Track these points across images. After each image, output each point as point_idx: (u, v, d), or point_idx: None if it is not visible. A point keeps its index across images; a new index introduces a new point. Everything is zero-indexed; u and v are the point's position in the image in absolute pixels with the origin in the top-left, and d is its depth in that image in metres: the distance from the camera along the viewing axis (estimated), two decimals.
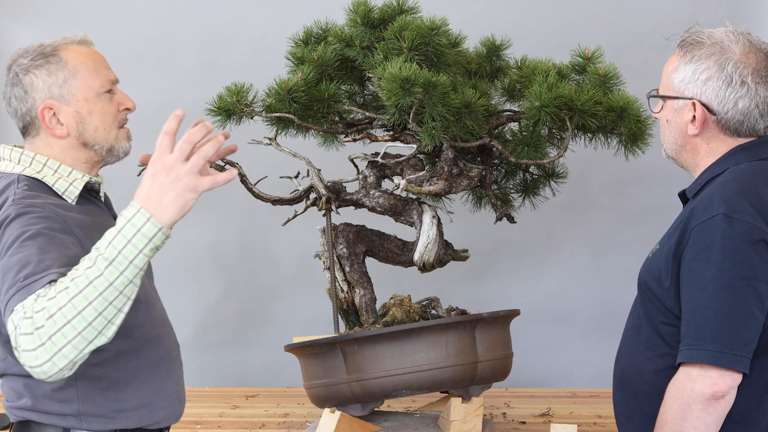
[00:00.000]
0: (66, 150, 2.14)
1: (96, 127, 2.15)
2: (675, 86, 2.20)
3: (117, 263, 1.75)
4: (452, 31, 2.94)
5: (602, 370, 4.21)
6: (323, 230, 3.08)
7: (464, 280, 4.14)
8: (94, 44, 2.23)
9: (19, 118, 2.16)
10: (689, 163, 2.26)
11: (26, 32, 4.22)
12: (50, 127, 2.12)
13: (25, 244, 1.90)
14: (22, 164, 2.13)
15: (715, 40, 2.16)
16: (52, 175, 2.12)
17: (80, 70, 2.13)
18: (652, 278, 2.18)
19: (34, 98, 2.12)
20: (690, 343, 2.04)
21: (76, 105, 2.13)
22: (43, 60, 2.12)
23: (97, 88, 2.15)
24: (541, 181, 3.20)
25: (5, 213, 1.98)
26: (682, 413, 2.04)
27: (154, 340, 2.18)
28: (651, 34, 4.08)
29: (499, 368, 2.89)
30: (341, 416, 2.83)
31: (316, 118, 3.03)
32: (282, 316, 4.29)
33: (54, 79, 2.11)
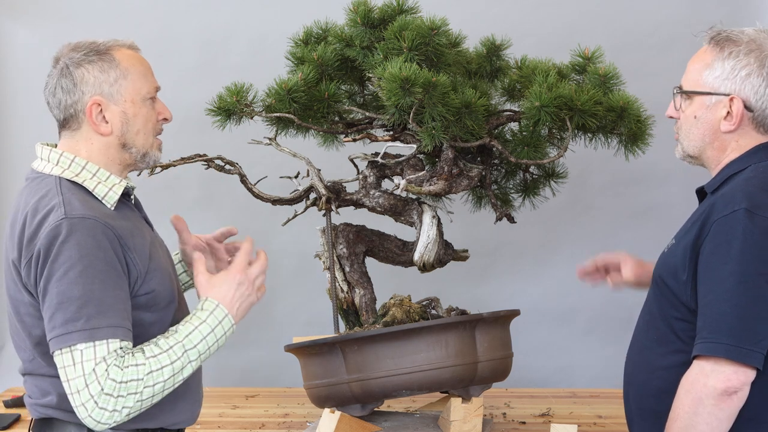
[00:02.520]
0: (104, 149, 2.18)
1: (138, 131, 2.20)
2: (709, 82, 2.18)
3: (200, 349, 2.06)
4: (452, 31, 2.94)
5: (602, 370, 4.22)
6: (323, 230, 3.08)
7: (464, 280, 4.14)
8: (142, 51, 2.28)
9: (61, 109, 2.17)
10: (712, 160, 2.24)
11: (26, 32, 4.22)
12: (95, 123, 2.15)
13: (86, 275, 1.98)
14: (61, 166, 2.15)
15: (751, 37, 2.16)
16: (91, 179, 2.15)
17: (131, 72, 2.18)
18: (668, 273, 2.17)
19: (83, 92, 2.15)
20: (706, 336, 2.04)
21: (123, 105, 2.17)
22: (96, 56, 2.16)
23: (144, 92, 2.21)
24: (541, 181, 3.20)
25: (55, 225, 2.01)
26: (694, 408, 2.04)
27: None
28: (651, 34, 4.08)
29: (499, 368, 2.89)
30: (341, 416, 2.83)
31: (316, 118, 3.04)
32: (282, 316, 4.29)
33: (105, 77, 2.15)
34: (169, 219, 2.44)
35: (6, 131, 4.27)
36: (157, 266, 2.16)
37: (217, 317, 2.10)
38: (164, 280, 2.17)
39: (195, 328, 2.07)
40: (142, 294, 2.10)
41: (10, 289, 2.12)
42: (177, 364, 2.03)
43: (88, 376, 1.96)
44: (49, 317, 2.00)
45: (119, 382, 1.96)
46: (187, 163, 2.98)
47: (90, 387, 1.95)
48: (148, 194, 4.21)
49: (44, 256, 2.00)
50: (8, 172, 4.28)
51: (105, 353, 1.97)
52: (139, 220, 2.23)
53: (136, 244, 2.10)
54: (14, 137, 4.27)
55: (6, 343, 4.33)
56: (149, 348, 2.03)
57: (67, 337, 1.97)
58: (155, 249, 2.19)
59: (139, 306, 2.10)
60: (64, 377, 1.99)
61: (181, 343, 2.05)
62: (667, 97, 2.44)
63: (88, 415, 1.96)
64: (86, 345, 1.97)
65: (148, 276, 2.11)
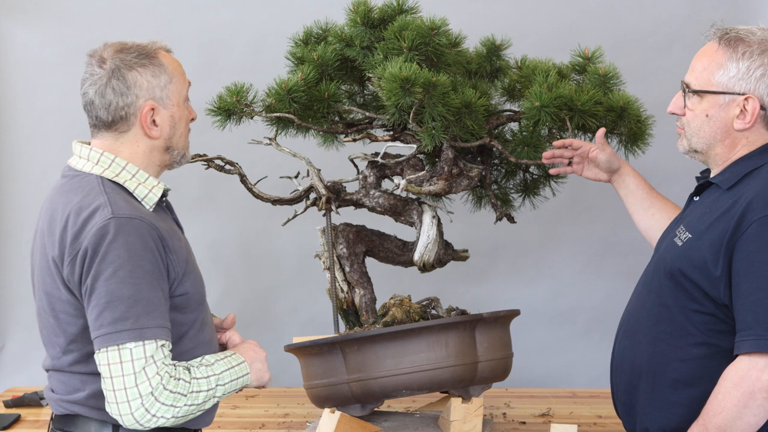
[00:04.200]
0: (149, 151, 2.21)
1: (181, 133, 2.25)
2: (723, 82, 2.23)
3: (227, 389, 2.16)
4: (452, 31, 2.94)
5: (602, 370, 4.20)
6: (323, 230, 3.08)
7: (464, 280, 4.14)
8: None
9: (110, 111, 2.16)
10: (720, 156, 2.30)
11: (26, 32, 4.22)
12: (148, 127, 2.17)
13: (135, 275, 2.02)
14: (101, 166, 2.17)
15: (761, 37, 2.22)
16: (131, 180, 2.17)
17: (175, 75, 2.22)
18: (692, 267, 2.20)
19: (137, 95, 2.16)
20: (760, 333, 2.08)
21: (172, 109, 2.21)
22: (147, 60, 2.18)
23: (184, 95, 2.25)
24: (541, 181, 3.20)
25: (103, 224, 2.03)
26: (744, 401, 2.09)
27: (207, 343, 2.25)
28: (651, 34, 4.08)
29: (499, 368, 2.89)
30: (341, 416, 2.83)
31: (316, 118, 3.04)
32: (282, 316, 4.29)
33: (157, 81, 2.18)
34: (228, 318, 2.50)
35: (6, 131, 4.27)
36: (192, 269, 2.20)
37: (242, 370, 2.21)
38: (197, 282, 2.22)
39: (227, 369, 2.17)
40: (178, 295, 2.14)
41: (47, 285, 2.13)
42: (208, 393, 2.10)
43: (138, 375, 1.99)
44: (97, 315, 2.02)
45: (168, 389, 2.02)
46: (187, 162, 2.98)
47: (140, 386, 1.99)
48: None
49: (92, 254, 2.02)
50: (8, 172, 4.28)
51: (152, 352, 2.01)
52: (172, 222, 2.27)
53: (174, 246, 2.14)
54: (14, 137, 4.26)
55: (6, 343, 4.33)
56: (194, 370, 2.11)
57: (117, 336, 2.00)
58: (189, 251, 2.24)
59: (174, 307, 2.14)
60: (107, 374, 2.01)
61: (217, 376, 2.13)
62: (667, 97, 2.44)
63: (131, 412, 2.00)
64: (136, 344, 2.00)
65: (184, 278, 2.15)
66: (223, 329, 2.40)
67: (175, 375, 2.03)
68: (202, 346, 2.21)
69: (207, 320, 2.27)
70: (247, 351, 2.27)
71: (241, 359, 2.22)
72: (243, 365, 2.21)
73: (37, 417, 3.44)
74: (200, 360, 2.16)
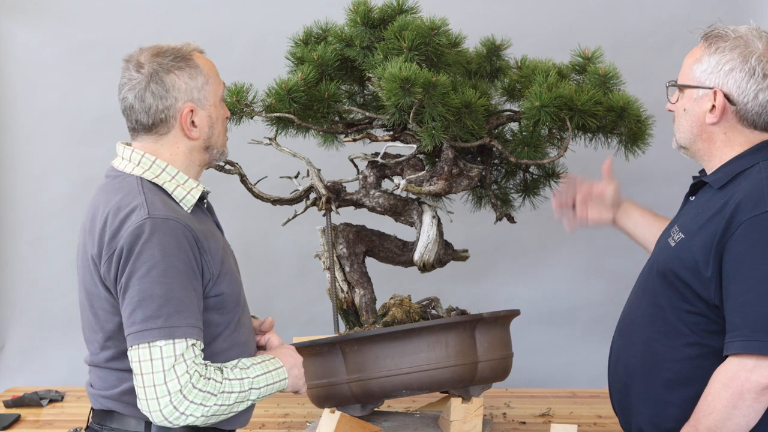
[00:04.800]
0: (189, 151, 2.25)
1: (219, 132, 2.29)
2: (696, 76, 2.26)
3: (261, 393, 2.18)
4: (452, 31, 2.94)
5: (602, 370, 4.20)
6: (323, 230, 3.08)
7: (464, 280, 4.13)
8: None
9: (150, 115, 2.20)
10: (703, 152, 2.31)
11: (26, 32, 4.22)
12: (188, 128, 2.22)
13: (168, 275, 2.05)
14: (142, 167, 2.20)
15: (740, 34, 2.25)
16: (170, 181, 2.21)
17: (210, 76, 2.26)
18: (683, 268, 2.21)
19: (176, 98, 2.20)
20: (747, 334, 2.09)
21: (209, 110, 2.25)
22: (183, 63, 2.22)
23: (221, 95, 2.29)
24: (541, 181, 3.20)
25: (139, 224, 2.07)
26: (733, 402, 2.10)
27: (243, 344, 2.27)
28: (651, 34, 4.08)
29: (499, 368, 2.89)
30: (341, 416, 2.83)
31: (316, 118, 3.04)
32: (282, 316, 4.28)
33: (194, 83, 2.22)
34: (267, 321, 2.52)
35: (6, 131, 4.27)
36: (228, 270, 2.22)
37: (279, 375, 2.24)
38: (233, 283, 2.24)
39: (263, 373, 2.20)
40: (212, 296, 2.17)
41: (87, 282, 2.18)
42: (242, 395, 2.13)
43: (167, 373, 2.02)
44: (129, 313, 2.05)
45: (198, 388, 2.04)
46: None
47: (169, 384, 2.02)
48: None
49: (127, 253, 2.06)
50: (8, 172, 4.28)
51: (183, 350, 2.04)
52: (211, 224, 2.30)
53: (210, 247, 2.16)
54: (14, 137, 4.26)
55: (6, 343, 4.33)
56: (227, 371, 2.12)
57: (147, 334, 2.03)
58: (226, 253, 2.26)
59: (210, 307, 2.17)
60: (138, 371, 2.04)
61: (251, 379, 2.16)
62: None
63: (159, 409, 2.03)
64: (166, 342, 2.03)
65: (220, 279, 2.18)
66: (261, 332, 2.43)
67: (205, 374, 2.06)
68: (237, 347, 2.24)
69: (243, 321, 2.29)
70: (285, 356, 2.29)
71: (279, 364, 2.24)
72: (281, 370, 2.24)
73: (37, 417, 3.44)
74: (236, 362, 2.18)
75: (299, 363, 2.31)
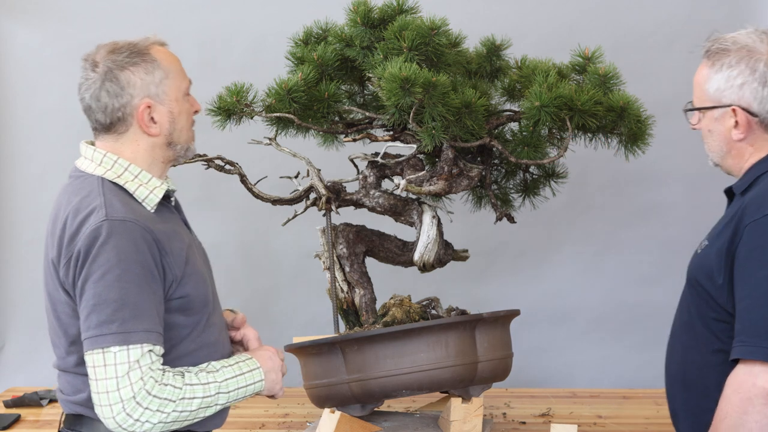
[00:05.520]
0: (151, 148, 2.19)
1: (182, 127, 2.23)
2: (711, 96, 2.25)
3: (230, 397, 2.14)
4: (452, 31, 2.94)
5: (602, 370, 4.23)
6: (323, 230, 3.08)
7: (464, 280, 4.14)
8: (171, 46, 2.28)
9: (107, 114, 2.16)
10: (735, 167, 2.31)
11: (26, 32, 4.22)
12: (146, 125, 2.16)
13: (123, 279, 2.01)
14: (104, 166, 2.16)
15: (741, 44, 2.22)
16: (133, 181, 2.16)
17: (171, 70, 2.19)
18: (704, 275, 2.22)
19: (132, 95, 2.14)
20: (745, 339, 2.09)
21: (169, 105, 2.19)
22: (138, 58, 2.15)
23: (183, 89, 2.23)
24: (541, 181, 3.20)
25: (96, 227, 2.03)
26: (743, 407, 2.09)
27: (212, 345, 2.23)
28: (651, 34, 4.08)
29: (499, 368, 2.89)
30: (341, 416, 2.83)
31: (316, 118, 3.03)
32: (282, 316, 4.29)
33: (151, 78, 2.16)
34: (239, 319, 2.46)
35: (6, 131, 4.27)
36: (193, 270, 2.18)
37: (254, 377, 2.19)
38: (199, 284, 2.19)
39: (234, 376, 2.15)
40: (176, 297, 2.13)
41: (49, 286, 2.15)
42: (207, 400, 2.09)
43: (120, 380, 1.99)
44: (85, 317, 2.02)
45: (153, 395, 2.00)
46: (187, 163, 2.98)
47: (122, 390, 1.99)
48: None
49: (84, 256, 2.03)
50: (8, 172, 4.28)
51: (138, 357, 2.00)
52: (178, 222, 2.25)
53: (173, 248, 2.12)
54: (14, 137, 4.26)
55: (6, 343, 4.33)
56: (189, 376, 2.08)
57: (101, 339, 2.00)
58: (192, 253, 2.22)
59: (174, 309, 2.13)
60: (93, 376, 2.01)
61: (218, 384, 2.11)
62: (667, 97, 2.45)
63: (112, 416, 2.00)
64: (120, 348, 2.00)
65: (184, 280, 2.14)
66: (234, 328, 2.38)
67: (161, 380, 2.02)
68: (206, 348, 2.20)
69: (213, 321, 2.25)
70: (264, 358, 2.25)
71: (255, 365, 2.21)
72: (257, 371, 2.20)
73: (37, 417, 3.44)
74: (204, 366, 2.14)
75: (278, 367, 2.27)
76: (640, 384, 4.02)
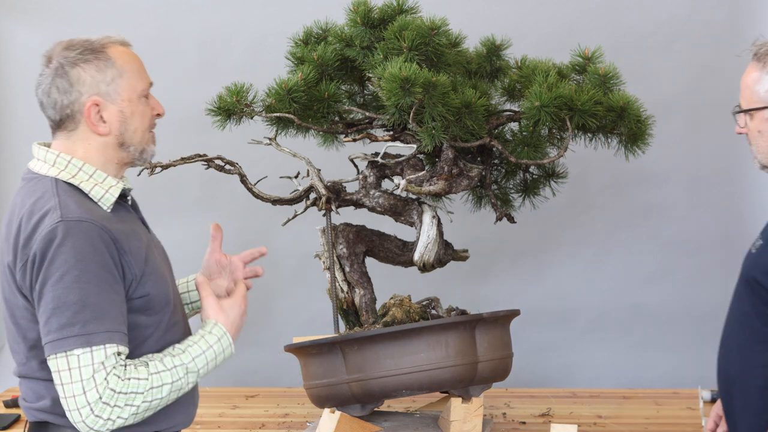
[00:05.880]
0: (102, 148, 2.15)
1: (135, 129, 2.17)
2: (762, 97, 2.26)
3: (201, 372, 2.13)
4: (452, 31, 2.94)
5: (602, 370, 4.23)
6: (323, 230, 3.08)
7: (464, 280, 4.14)
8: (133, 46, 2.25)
9: (57, 110, 2.13)
10: None
11: (26, 32, 4.22)
12: (94, 123, 2.12)
13: (82, 280, 1.98)
14: (57, 167, 2.13)
15: None
16: (88, 181, 2.12)
17: (126, 70, 2.15)
18: (762, 273, 2.24)
19: (80, 92, 2.11)
20: None
21: (121, 104, 2.14)
22: (92, 55, 2.11)
23: (140, 90, 2.17)
24: (541, 181, 3.20)
25: (51, 228, 2.00)
26: None
27: (177, 342, 2.20)
28: (651, 34, 4.08)
29: (499, 368, 2.89)
30: (341, 416, 2.83)
31: (316, 118, 3.03)
32: (282, 316, 4.29)
33: (102, 76, 2.11)
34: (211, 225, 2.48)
35: (5, 131, 4.27)
36: (153, 269, 2.15)
37: (223, 344, 2.18)
38: (159, 283, 2.16)
39: (202, 352, 2.13)
40: (137, 297, 2.10)
41: (6, 291, 2.11)
42: (177, 384, 2.07)
43: (86, 382, 1.96)
44: (45, 321, 1.99)
45: (118, 392, 1.98)
46: (187, 163, 2.98)
47: (87, 393, 1.96)
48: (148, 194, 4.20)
49: (40, 259, 1.99)
50: (7, 172, 4.28)
51: (102, 358, 1.98)
52: (135, 221, 2.22)
53: (132, 247, 2.09)
54: (13, 137, 4.27)
55: (6, 343, 4.33)
56: (153, 364, 2.06)
57: (63, 342, 1.97)
58: (151, 251, 2.18)
59: (135, 309, 2.10)
60: (58, 381, 1.99)
61: (186, 365, 2.09)
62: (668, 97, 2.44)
63: (81, 420, 1.97)
64: (83, 350, 1.97)
65: (143, 279, 2.10)
66: None
67: (124, 376, 1.99)
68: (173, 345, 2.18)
69: (177, 319, 2.22)
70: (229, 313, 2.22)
71: (220, 332, 2.18)
72: (224, 338, 2.18)
73: None
74: (171, 348, 2.12)
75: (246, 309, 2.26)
76: (640, 384, 4.02)
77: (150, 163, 2.78)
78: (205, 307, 2.23)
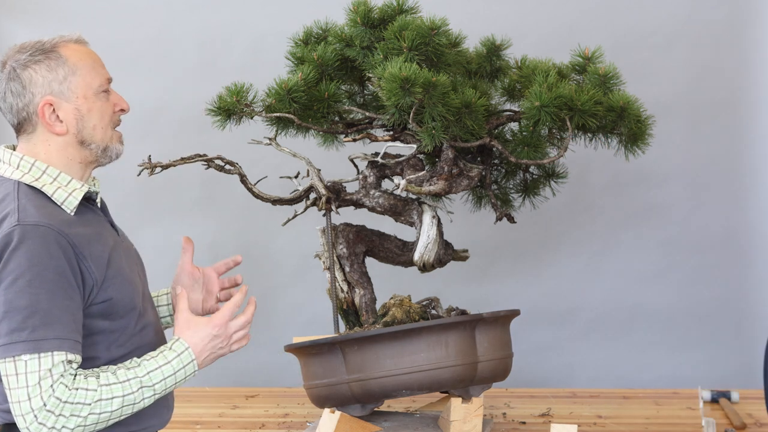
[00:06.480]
0: (62, 148, 2.14)
1: (94, 125, 2.16)
2: None
3: (157, 389, 2.07)
4: (452, 31, 2.94)
5: (602, 370, 4.23)
6: (323, 230, 3.08)
7: (464, 280, 4.14)
8: (90, 44, 2.23)
9: (14, 114, 2.14)
10: None
11: (26, 32, 4.22)
12: (49, 123, 2.12)
13: (34, 285, 1.96)
14: (21, 170, 2.12)
15: None
16: (51, 184, 2.11)
17: (80, 67, 2.13)
18: None
19: (33, 93, 2.10)
20: None
21: (76, 102, 2.13)
22: (42, 56, 2.11)
23: (96, 86, 2.16)
24: (541, 181, 3.20)
25: (8, 232, 1.99)
26: None
27: (146, 347, 2.20)
28: (651, 34, 4.08)
29: (499, 368, 2.89)
30: (341, 416, 2.83)
31: (316, 118, 3.03)
32: (282, 316, 4.29)
33: (54, 75, 2.11)
34: (182, 238, 2.45)
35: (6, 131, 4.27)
36: (117, 273, 2.13)
37: (182, 361, 2.13)
38: (124, 287, 2.14)
39: (158, 367, 2.09)
40: (99, 302, 2.08)
41: None
42: (129, 398, 2.04)
43: (31, 389, 1.95)
44: None
45: (64, 401, 1.96)
46: (187, 163, 2.98)
47: (32, 400, 1.95)
48: (148, 194, 4.22)
49: None
50: None
51: (50, 365, 1.96)
52: (102, 225, 2.20)
53: (93, 252, 2.07)
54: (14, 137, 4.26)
55: None
56: (105, 375, 2.03)
57: (12, 347, 1.96)
58: (117, 255, 2.16)
59: (97, 314, 2.09)
60: (6, 386, 1.98)
61: (140, 378, 2.06)
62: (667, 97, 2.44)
63: (26, 426, 1.96)
64: (31, 356, 1.96)
65: (105, 284, 2.09)
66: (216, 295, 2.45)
67: (72, 385, 1.98)
68: (140, 350, 2.17)
69: (148, 322, 2.21)
70: (196, 332, 2.16)
71: (181, 348, 2.13)
72: (184, 355, 2.13)
73: None
74: (128, 362, 2.10)
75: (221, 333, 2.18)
76: (640, 384, 4.02)
77: (150, 163, 2.78)
78: (175, 321, 2.21)
